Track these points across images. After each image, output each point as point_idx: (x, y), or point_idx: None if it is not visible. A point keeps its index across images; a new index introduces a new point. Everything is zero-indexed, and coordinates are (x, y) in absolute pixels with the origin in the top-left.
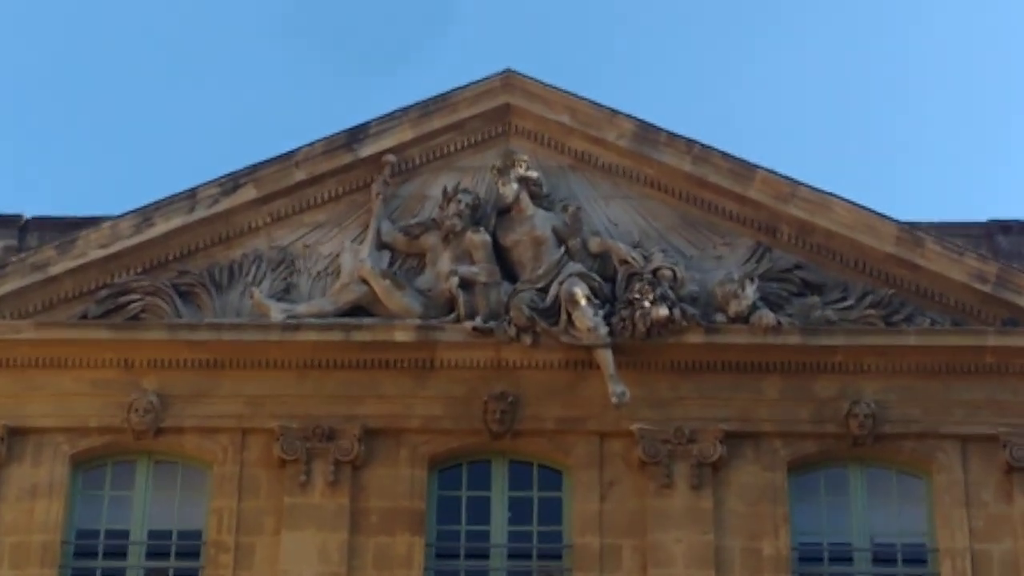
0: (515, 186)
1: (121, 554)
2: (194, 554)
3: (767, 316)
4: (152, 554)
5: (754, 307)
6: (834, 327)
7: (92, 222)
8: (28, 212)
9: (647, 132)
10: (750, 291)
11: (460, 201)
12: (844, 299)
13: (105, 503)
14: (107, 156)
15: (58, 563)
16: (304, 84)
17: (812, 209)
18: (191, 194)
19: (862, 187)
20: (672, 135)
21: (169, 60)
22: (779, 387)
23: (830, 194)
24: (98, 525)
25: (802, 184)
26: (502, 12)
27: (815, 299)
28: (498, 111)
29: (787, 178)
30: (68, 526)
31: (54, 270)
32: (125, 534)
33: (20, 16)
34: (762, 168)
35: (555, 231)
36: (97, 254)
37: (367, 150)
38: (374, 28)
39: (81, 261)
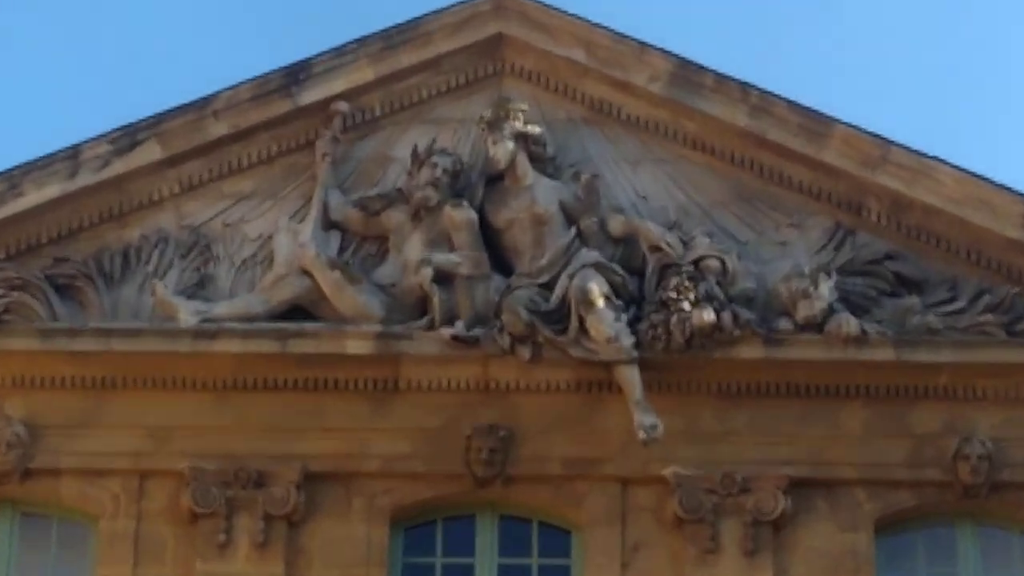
0: (510, 145)
1: None
2: None
3: (848, 323)
4: None
5: (831, 311)
6: (938, 338)
7: None
8: None
9: (688, 73)
10: (825, 289)
11: (436, 165)
12: (952, 300)
13: None
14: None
15: None
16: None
17: (909, 178)
18: (73, 153)
19: (972, 151)
20: (721, 77)
21: None
22: (863, 419)
23: (933, 158)
24: None
25: (896, 145)
26: None
27: (913, 300)
28: (487, 44)
29: (876, 136)
30: None
31: None
32: None
33: None
34: (843, 123)
35: (563, 207)
36: None
37: (310, 95)
38: None
39: None
